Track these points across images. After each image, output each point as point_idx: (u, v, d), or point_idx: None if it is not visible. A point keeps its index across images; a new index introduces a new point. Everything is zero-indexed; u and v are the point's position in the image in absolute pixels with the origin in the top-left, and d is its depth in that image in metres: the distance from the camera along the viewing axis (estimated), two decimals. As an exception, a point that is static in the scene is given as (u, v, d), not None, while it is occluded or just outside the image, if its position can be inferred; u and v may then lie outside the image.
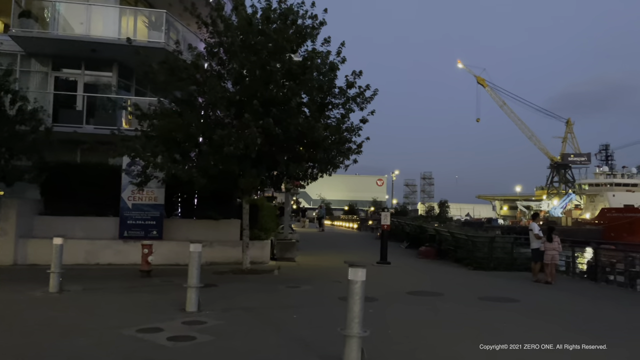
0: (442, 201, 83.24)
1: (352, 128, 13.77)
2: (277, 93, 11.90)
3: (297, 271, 14.34)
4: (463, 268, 16.72)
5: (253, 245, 15.81)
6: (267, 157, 12.74)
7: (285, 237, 17.56)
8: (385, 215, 16.61)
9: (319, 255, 19.17)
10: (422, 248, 19.52)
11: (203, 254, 15.85)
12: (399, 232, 26.80)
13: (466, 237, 17.42)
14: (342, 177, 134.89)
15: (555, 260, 13.64)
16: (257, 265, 15.32)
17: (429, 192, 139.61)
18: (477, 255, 16.78)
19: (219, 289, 10.89)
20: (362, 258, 17.90)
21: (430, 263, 17.77)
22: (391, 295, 10.50)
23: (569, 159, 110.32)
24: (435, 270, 15.93)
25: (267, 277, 12.89)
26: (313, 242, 25.22)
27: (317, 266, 15.62)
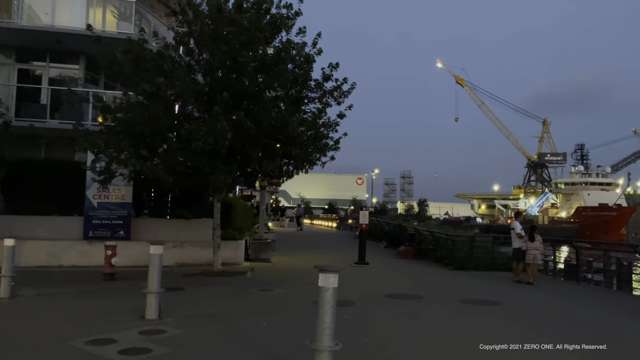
0: (421, 200, 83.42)
1: (329, 123, 13.20)
2: (249, 85, 11.24)
3: (272, 273, 13.69)
4: (443, 268, 16.26)
5: (226, 246, 15.14)
6: (239, 153, 12.08)
7: (260, 237, 16.89)
8: (363, 214, 16.05)
9: (296, 255, 18.54)
10: (401, 248, 19.03)
11: (173, 255, 15.26)
12: (377, 231, 26.30)
13: (446, 237, 16.97)
14: (322, 175, 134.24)
15: (537, 260, 13.24)
16: (230, 266, 14.63)
17: (408, 191, 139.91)
18: (457, 254, 16.34)
19: (186, 292, 10.19)
20: (340, 258, 17.34)
21: (409, 263, 17.28)
22: (369, 299, 9.92)
23: (546, 159, 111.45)
24: (415, 270, 15.43)
25: (239, 279, 12.21)
26: (290, 242, 24.57)
27: (293, 267, 14.99)
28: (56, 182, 14.53)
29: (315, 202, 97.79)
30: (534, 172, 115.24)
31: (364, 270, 14.74)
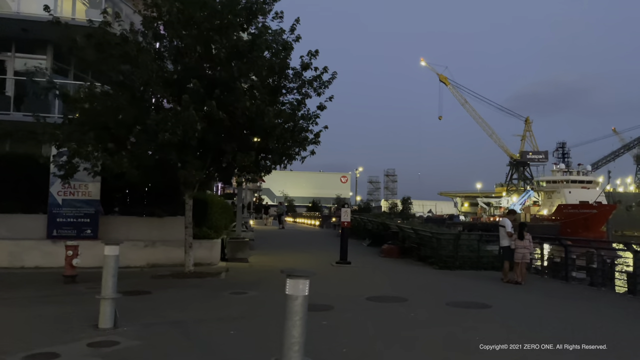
0: (404, 198, 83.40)
1: (308, 115, 12.45)
2: (222, 73, 10.42)
3: (248, 273, 12.89)
4: (427, 267, 15.61)
5: (200, 245, 14.31)
6: (212, 147, 11.26)
7: (237, 236, 16.06)
8: (345, 212, 15.32)
9: (275, 254, 17.75)
10: (384, 246, 18.35)
11: (144, 256, 14.35)
12: (360, 229, 25.61)
13: (430, 235, 16.32)
14: (306, 174, 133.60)
15: (525, 259, 12.62)
16: (204, 267, 13.80)
17: (392, 189, 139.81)
18: (442, 253, 15.70)
19: (152, 297, 9.35)
20: (321, 258, 16.61)
21: (393, 262, 16.60)
22: (349, 302, 9.18)
23: (528, 157, 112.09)
24: (398, 270, 14.75)
25: (212, 281, 11.38)
26: (271, 241, 23.76)
27: (271, 267, 14.20)
28: (19, 178, 13.57)
29: (299, 200, 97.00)
30: (516, 170, 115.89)
31: (346, 270, 14.01)
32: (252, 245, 19.91)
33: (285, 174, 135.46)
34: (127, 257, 13.89)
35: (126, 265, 13.72)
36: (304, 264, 15.30)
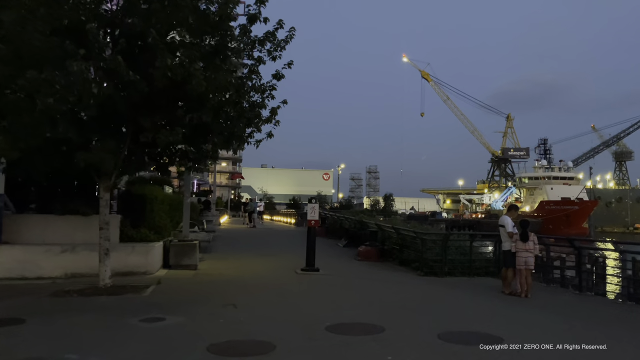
0: (387, 195, 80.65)
1: (262, 87, 9.70)
2: (134, 20, 7.56)
3: (185, 286, 10.05)
4: (411, 273, 12.96)
5: (133, 250, 11.51)
6: (129, 122, 8.43)
7: (184, 238, 13.21)
8: (312, 208, 12.58)
9: (235, 259, 14.94)
10: (361, 248, 15.66)
11: (62, 264, 11.24)
12: (337, 228, 22.89)
13: (414, 235, 13.65)
14: (288, 171, 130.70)
15: (529, 265, 9.98)
16: (136, 277, 10.97)
17: (374, 186, 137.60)
18: (427, 256, 13.05)
19: (22, 328, 6.48)
20: (286, 262, 13.84)
21: (370, 267, 13.90)
22: (301, 335, 6.39)
23: (509, 153, 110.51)
24: (376, 278, 12.05)
25: (130, 299, 8.53)
26: (237, 241, 20.91)
27: (221, 277, 11.41)
28: None
29: (280, 198, 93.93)
30: (497, 167, 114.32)
31: (311, 280, 11.25)
32: (209, 248, 17.08)
33: (267, 171, 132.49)
34: (39, 265, 11.01)
35: (37, 276, 10.85)
36: (263, 271, 12.52)
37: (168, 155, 10.71)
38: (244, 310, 7.82)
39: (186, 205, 13.35)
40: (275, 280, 10.88)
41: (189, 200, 13.41)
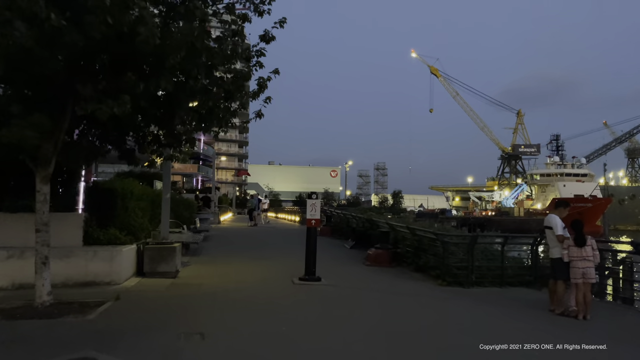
0: (395, 192, 78.34)
1: (246, 52, 7.58)
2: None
3: (151, 303, 7.89)
4: (430, 282, 10.77)
5: (94, 256, 9.43)
6: (60, 87, 6.28)
7: (162, 240, 11.07)
8: (312, 205, 10.37)
9: (224, 263, 12.80)
10: (370, 251, 13.44)
11: (8, 271, 9.13)
12: (344, 227, 20.70)
13: (434, 236, 11.42)
14: (295, 168, 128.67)
15: (589, 277, 7.75)
16: (94, 289, 8.87)
17: (382, 183, 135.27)
18: (450, 262, 10.82)
19: None
20: (284, 268, 11.69)
21: (381, 275, 11.69)
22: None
23: (520, 150, 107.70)
24: (390, 290, 9.81)
25: (66, 325, 6.37)
26: (232, 242, 18.79)
27: (201, 287, 9.25)
28: None
29: (287, 195, 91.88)
30: (507, 163, 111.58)
31: (310, 293, 9.04)
32: (199, 250, 14.98)
33: (274, 168, 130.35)
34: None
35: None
36: (253, 280, 10.35)
37: (135, 139, 8.62)
38: (214, 343, 5.67)
39: (165, 202, 11.21)
40: (265, 294, 8.71)
41: (168, 196, 11.26)
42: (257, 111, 8.42)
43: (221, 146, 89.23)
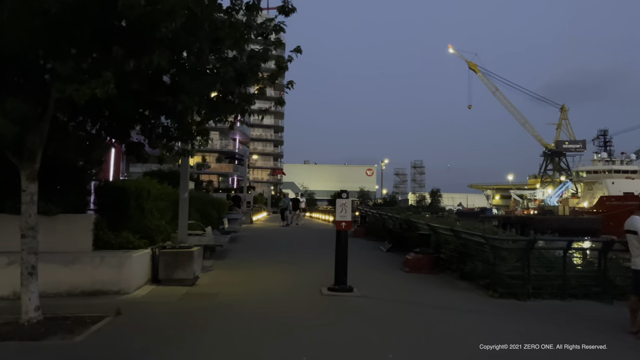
0: (433, 190, 76.14)
1: (262, 26, 6.43)
2: None
3: (154, 319, 6.82)
4: (478, 293, 9.37)
5: (101, 262, 8.52)
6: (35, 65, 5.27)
7: (180, 243, 10.06)
8: (342, 205, 9.12)
9: (251, 267, 11.74)
10: (409, 256, 12.08)
11: (7, 280, 8.42)
12: (379, 228, 19.36)
13: (483, 240, 9.98)
14: (331, 167, 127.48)
15: (683, 294, 6.23)
16: (100, 299, 7.93)
17: (419, 181, 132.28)
18: (502, 270, 9.37)
19: None
20: (312, 276, 10.53)
21: (422, 283, 10.35)
22: None
23: (564, 146, 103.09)
24: (431, 304, 8.44)
25: (48, 350, 5.37)
26: (262, 244, 17.74)
27: (217, 298, 8.18)
28: None
29: (323, 194, 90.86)
30: (550, 160, 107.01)
31: (340, 307, 7.79)
32: (224, 253, 14.01)
33: (309, 167, 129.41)
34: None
35: None
36: (277, 288, 9.19)
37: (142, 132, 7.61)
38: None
39: (183, 202, 10.19)
40: (287, 309, 7.53)
41: (186, 196, 10.22)
42: (278, 98, 7.28)
43: (256, 146, 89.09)
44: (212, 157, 64.34)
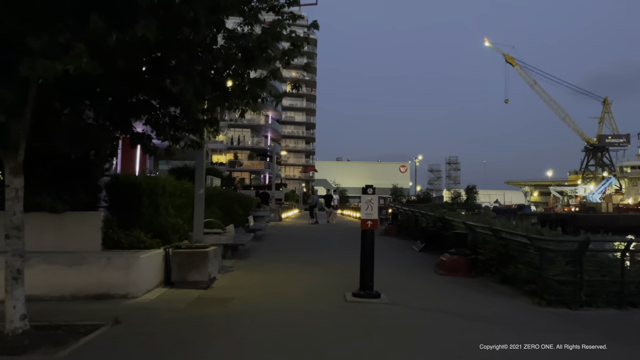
0: (469, 187, 73.79)
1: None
2: None
3: (155, 330, 6.06)
4: (522, 300, 8.31)
5: (108, 263, 7.91)
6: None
7: (195, 243, 9.35)
8: (368, 202, 8.17)
9: (272, 268, 10.99)
10: (444, 257, 11.06)
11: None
12: (411, 226, 18.33)
13: (527, 241, 8.89)
14: (363, 164, 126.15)
15: None
16: (106, 303, 7.29)
17: (454, 177, 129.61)
18: (549, 274, 8.27)
19: None
20: (335, 279, 9.68)
21: (459, 287, 9.33)
22: None
23: (607, 141, 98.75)
24: (470, 314, 7.40)
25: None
26: (288, 242, 17.01)
27: (230, 304, 7.42)
28: None
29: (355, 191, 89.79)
30: (592, 156, 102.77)
31: (363, 319, 6.84)
32: (248, 252, 13.34)
33: (342, 164, 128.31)
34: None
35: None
36: (297, 293, 8.37)
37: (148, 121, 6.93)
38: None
39: (198, 198, 9.48)
40: (306, 318, 6.69)
41: (202, 192, 9.50)
42: (293, 80, 6.43)
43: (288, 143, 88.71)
44: (244, 155, 64.28)
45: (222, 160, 62.00)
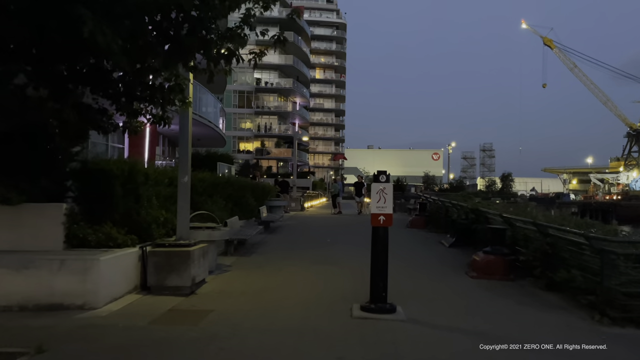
0: (505, 174, 70.52)
1: None
2: None
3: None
4: (577, 314, 6.54)
5: (61, 267, 6.48)
6: None
7: (178, 240, 7.83)
8: (380, 192, 6.40)
9: (276, 268, 9.45)
10: (477, 256, 9.23)
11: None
12: (441, 218, 16.44)
13: (584, 240, 7.02)
14: (395, 151, 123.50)
15: None
16: (54, 316, 5.90)
17: (489, 165, 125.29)
18: (612, 284, 6.41)
19: None
20: (347, 282, 8.06)
21: (495, 296, 7.56)
22: None
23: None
24: (512, 337, 5.62)
25: None
26: (303, 235, 15.44)
27: (207, 319, 5.89)
28: None
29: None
30: (636, 141, 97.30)
31: (370, 348, 5.19)
32: (255, 247, 11.89)
33: (373, 152, 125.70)
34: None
35: None
36: (297, 303, 6.75)
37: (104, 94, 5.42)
38: None
39: (182, 187, 7.95)
40: (295, 342, 5.08)
41: (186, 180, 7.95)
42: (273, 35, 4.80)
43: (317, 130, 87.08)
44: (272, 142, 62.98)
45: (249, 147, 60.92)
